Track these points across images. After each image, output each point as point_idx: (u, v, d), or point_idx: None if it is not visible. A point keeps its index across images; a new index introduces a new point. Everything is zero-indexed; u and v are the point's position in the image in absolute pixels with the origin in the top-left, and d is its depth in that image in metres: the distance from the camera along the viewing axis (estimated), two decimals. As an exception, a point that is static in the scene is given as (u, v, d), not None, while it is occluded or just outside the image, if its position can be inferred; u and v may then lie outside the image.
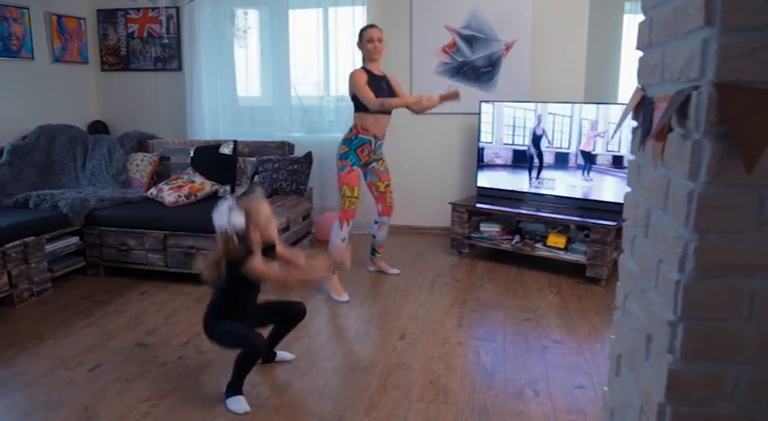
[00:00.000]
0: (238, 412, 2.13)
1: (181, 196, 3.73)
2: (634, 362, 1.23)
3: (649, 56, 1.23)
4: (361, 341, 2.78)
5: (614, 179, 3.68)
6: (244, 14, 5.09)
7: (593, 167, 3.74)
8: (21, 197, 3.68)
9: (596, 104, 3.75)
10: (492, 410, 2.16)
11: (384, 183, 3.56)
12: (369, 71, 3.34)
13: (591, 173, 3.75)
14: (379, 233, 3.64)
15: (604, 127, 3.67)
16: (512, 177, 4.09)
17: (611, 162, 3.68)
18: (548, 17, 4.23)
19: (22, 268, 3.25)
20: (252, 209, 2.11)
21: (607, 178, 3.71)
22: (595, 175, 3.74)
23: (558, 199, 3.88)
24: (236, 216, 2.05)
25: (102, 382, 2.40)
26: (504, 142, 4.09)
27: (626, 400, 1.27)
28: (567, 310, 3.13)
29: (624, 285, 1.37)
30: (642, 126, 1.22)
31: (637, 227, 1.27)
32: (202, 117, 4.91)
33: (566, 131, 3.82)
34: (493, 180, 4.17)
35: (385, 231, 3.66)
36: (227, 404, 2.17)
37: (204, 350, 2.68)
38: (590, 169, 3.75)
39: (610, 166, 3.68)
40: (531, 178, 4.01)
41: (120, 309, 3.19)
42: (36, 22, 4.48)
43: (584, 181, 3.78)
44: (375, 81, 3.32)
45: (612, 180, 3.69)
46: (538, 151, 3.94)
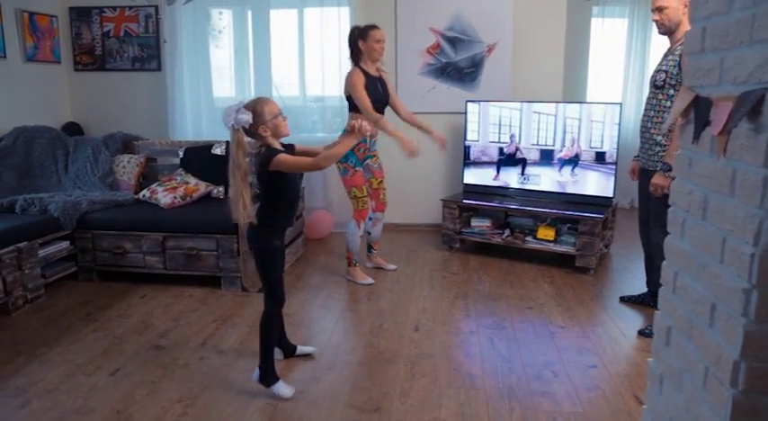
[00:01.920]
0: (287, 395, 2.23)
1: (177, 198, 3.68)
2: (692, 331, 1.37)
3: (702, 60, 1.37)
4: (377, 334, 2.85)
5: (597, 174, 3.90)
6: (219, 14, 5.05)
7: (577, 163, 3.96)
8: (5, 201, 3.54)
9: (579, 103, 3.97)
10: (519, 392, 2.30)
11: (377, 179, 3.65)
12: (365, 71, 3.40)
13: (576, 169, 3.97)
14: (373, 229, 3.73)
15: (587, 126, 3.89)
16: (497, 174, 4.26)
17: (594, 158, 3.90)
18: (527, 20, 4.43)
19: (16, 274, 3.14)
20: (257, 106, 2.14)
21: (590, 173, 3.93)
22: (579, 171, 3.96)
23: (544, 194, 4.08)
24: (242, 112, 2.08)
25: (126, 386, 2.37)
26: (490, 140, 4.26)
27: (683, 365, 1.41)
28: (564, 298, 3.32)
29: (673, 264, 1.51)
30: (696, 122, 1.37)
31: (689, 211, 1.42)
32: (185, 117, 4.84)
33: (550, 129, 4.03)
34: (479, 177, 4.33)
35: (379, 227, 3.75)
36: (273, 391, 2.24)
37: (223, 350, 2.69)
38: (575, 166, 3.96)
39: (593, 162, 3.91)
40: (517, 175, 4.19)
41: (124, 314, 3.14)
42: (7, 19, 4.30)
43: (569, 177, 3.99)
44: (371, 82, 3.40)
45: (595, 175, 3.91)
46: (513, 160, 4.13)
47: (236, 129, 2.09)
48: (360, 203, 3.43)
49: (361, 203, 3.43)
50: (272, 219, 2.28)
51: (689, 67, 1.45)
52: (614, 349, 2.70)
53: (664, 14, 2.69)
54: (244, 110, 2.10)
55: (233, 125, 2.08)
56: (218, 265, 3.43)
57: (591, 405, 2.21)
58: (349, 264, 3.60)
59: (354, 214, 3.45)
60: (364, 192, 3.44)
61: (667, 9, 2.67)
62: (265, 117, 2.14)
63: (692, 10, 1.42)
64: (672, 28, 2.71)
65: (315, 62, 4.75)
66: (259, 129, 2.14)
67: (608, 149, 3.83)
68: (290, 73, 4.93)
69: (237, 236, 3.35)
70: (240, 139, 2.10)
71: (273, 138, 2.20)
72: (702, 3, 1.36)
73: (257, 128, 2.14)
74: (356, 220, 3.45)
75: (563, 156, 3.96)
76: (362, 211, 3.44)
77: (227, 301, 3.29)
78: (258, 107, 2.13)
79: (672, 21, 2.68)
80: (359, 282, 3.54)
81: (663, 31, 2.77)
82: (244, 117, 2.08)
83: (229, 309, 3.17)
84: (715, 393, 1.23)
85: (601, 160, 3.87)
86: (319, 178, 4.71)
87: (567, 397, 2.26)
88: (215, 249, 3.41)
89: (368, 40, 3.37)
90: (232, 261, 3.40)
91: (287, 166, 2.15)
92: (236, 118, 2.08)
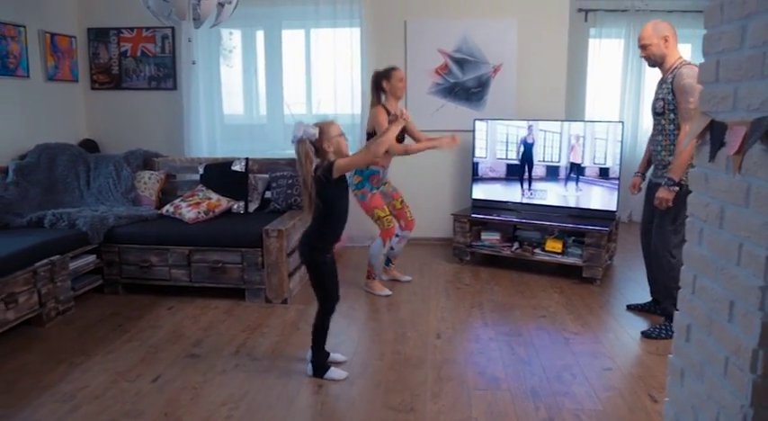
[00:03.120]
0: (340, 378, 2.52)
1: (200, 213, 3.83)
2: (712, 326, 1.54)
3: (716, 89, 1.57)
4: (401, 341, 3.00)
5: (601, 189, 4.11)
6: (229, 34, 5.24)
7: (581, 178, 4.16)
8: (34, 216, 3.66)
9: (583, 122, 4.19)
10: (541, 392, 2.45)
11: (398, 200, 3.82)
12: (387, 109, 3.60)
13: (580, 183, 4.17)
14: (397, 246, 3.87)
15: (591, 142, 4.10)
16: (505, 189, 4.45)
17: (597, 173, 4.11)
18: (531, 42, 4.67)
19: (49, 287, 3.26)
20: (324, 125, 2.43)
21: (594, 188, 4.13)
22: (584, 186, 4.16)
23: (549, 208, 4.27)
24: (311, 128, 2.39)
25: (170, 392, 2.49)
26: (498, 157, 4.46)
27: (704, 358, 1.58)
28: (574, 307, 3.49)
29: (692, 268, 1.69)
30: (712, 144, 1.55)
31: (707, 221, 1.60)
32: (200, 135, 5.00)
33: (555, 146, 4.23)
34: (487, 192, 4.52)
35: (403, 245, 3.92)
36: (327, 376, 2.52)
37: (257, 357, 2.83)
38: (578, 180, 4.17)
39: (597, 178, 4.11)
40: (523, 190, 4.38)
41: (154, 324, 3.26)
42: (31, 41, 4.45)
43: (574, 191, 4.19)
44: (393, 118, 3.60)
45: (599, 190, 4.11)
46: (529, 162, 4.32)
47: (304, 141, 2.33)
48: (385, 223, 3.59)
49: (387, 222, 3.60)
50: (326, 235, 2.50)
51: (703, 95, 1.65)
52: (626, 353, 2.87)
53: (648, 50, 2.99)
54: (313, 125, 2.36)
55: (302, 136, 2.32)
56: (243, 278, 3.57)
57: (609, 403, 2.37)
58: (368, 277, 3.75)
59: (382, 233, 3.61)
60: (387, 212, 3.61)
61: (650, 46, 2.97)
62: (331, 134, 2.39)
63: (706, 45, 1.62)
64: (658, 60, 3.00)
65: (327, 81, 4.93)
66: (324, 144, 2.40)
67: (611, 165, 4.04)
68: (303, 91, 5.11)
69: (262, 249, 3.50)
70: (308, 150, 2.35)
71: (335, 156, 2.42)
72: (716, 40, 1.56)
73: (322, 143, 2.40)
74: (383, 239, 3.61)
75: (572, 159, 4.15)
76: (390, 230, 3.61)
77: (252, 312, 3.42)
78: (325, 125, 2.41)
79: (656, 55, 2.98)
80: (377, 293, 3.69)
81: (651, 64, 3.07)
82: (312, 131, 2.35)
83: (256, 320, 3.30)
84: (736, 380, 1.40)
85: (604, 175, 4.08)
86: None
87: (586, 396, 2.42)
88: (240, 262, 3.55)
89: (392, 79, 3.60)
90: (257, 273, 3.54)
91: (346, 166, 2.40)
92: (305, 131, 2.33)
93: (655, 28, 2.95)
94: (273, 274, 3.52)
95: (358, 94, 4.81)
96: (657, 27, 2.95)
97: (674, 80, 2.90)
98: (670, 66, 2.96)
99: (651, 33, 2.94)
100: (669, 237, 2.98)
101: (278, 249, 3.47)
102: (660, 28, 2.94)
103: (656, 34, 2.92)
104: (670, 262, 2.99)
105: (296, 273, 3.76)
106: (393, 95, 3.64)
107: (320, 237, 2.51)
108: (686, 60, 2.96)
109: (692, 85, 2.81)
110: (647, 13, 5.30)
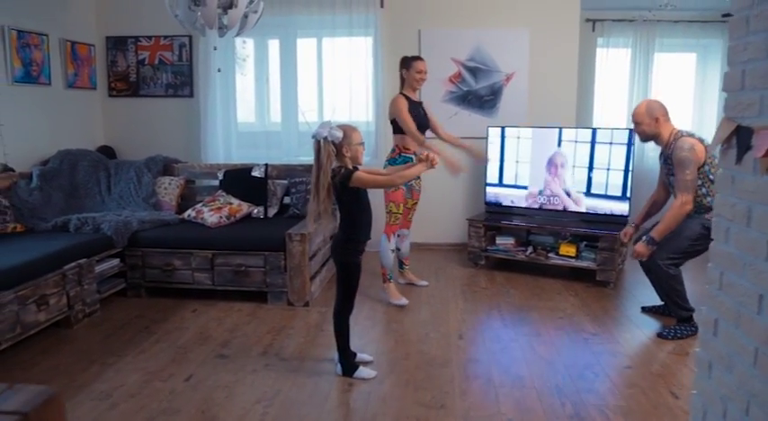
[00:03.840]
0: (369, 377, 2.57)
1: (222, 217, 3.90)
2: (740, 319, 1.63)
3: (742, 96, 1.66)
4: (425, 342, 3.07)
5: (614, 194, 4.19)
6: (243, 43, 5.34)
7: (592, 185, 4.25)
8: (59, 221, 3.73)
9: (596, 129, 4.28)
10: (566, 389, 2.53)
11: (413, 200, 3.91)
12: (407, 97, 3.70)
13: (591, 189, 4.26)
14: (402, 245, 3.97)
15: (606, 149, 4.20)
16: (518, 195, 4.54)
17: (610, 178, 4.19)
18: (542, 51, 4.77)
19: (77, 289, 3.33)
20: (348, 130, 2.47)
21: (608, 193, 4.21)
22: (595, 191, 4.25)
23: (562, 213, 4.36)
24: (336, 129, 2.42)
25: (203, 390, 2.56)
26: (511, 163, 4.54)
27: (733, 350, 1.66)
28: (590, 309, 3.57)
29: (718, 266, 1.78)
30: (738, 147, 1.64)
31: (734, 220, 1.69)
32: (216, 141, 5.08)
33: (570, 154, 4.32)
34: (500, 197, 4.60)
35: (407, 243, 4.00)
36: (356, 376, 2.57)
37: (285, 357, 2.89)
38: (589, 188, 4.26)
39: (610, 183, 4.20)
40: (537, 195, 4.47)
41: (180, 326, 3.32)
42: (53, 49, 4.55)
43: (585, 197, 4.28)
44: (414, 107, 3.69)
45: (612, 194, 4.20)
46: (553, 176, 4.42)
47: (328, 142, 2.38)
48: (393, 218, 3.68)
49: (394, 219, 3.68)
50: (356, 234, 2.55)
51: (729, 102, 1.74)
52: (644, 352, 2.95)
53: (640, 128, 3.19)
54: (338, 128, 2.40)
55: (326, 137, 2.37)
56: (265, 281, 3.64)
57: (633, 400, 2.44)
58: (384, 280, 3.80)
59: (385, 228, 3.68)
60: (400, 210, 3.69)
61: (642, 125, 3.17)
62: (352, 140, 2.44)
63: (731, 55, 1.71)
64: (650, 138, 3.19)
65: (342, 89, 5.02)
66: (343, 148, 2.44)
67: (623, 171, 4.13)
68: (317, 99, 5.20)
69: (285, 252, 3.57)
70: (330, 151, 2.40)
71: (350, 162, 2.46)
72: (742, 50, 1.65)
73: (342, 147, 2.44)
74: (386, 234, 3.68)
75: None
76: (393, 227, 3.69)
77: (275, 315, 3.49)
78: (348, 130, 2.46)
79: (647, 133, 3.17)
80: (393, 302, 3.64)
81: (642, 140, 3.26)
82: (337, 133, 2.39)
83: (280, 321, 3.37)
84: (766, 369, 1.48)
85: (617, 181, 4.16)
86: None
87: (609, 393, 2.50)
88: (263, 266, 3.62)
89: (410, 69, 3.69)
90: (279, 277, 3.61)
91: (365, 182, 2.44)
92: (330, 131, 2.37)
93: (647, 108, 3.14)
94: (296, 277, 3.59)
95: (373, 102, 4.91)
96: (649, 107, 3.14)
97: (673, 153, 3.08)
98: (666, 140, 3.15)
99: (643, 113, 3.14)
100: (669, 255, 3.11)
101: (300, 253, 3.55)
102: (652, 108, 3.13)
103: (648, 115, 3.12)
104: (668, 273, 3.10)
105: (317, 276, 3.83)
106: (410, 85, 3.73)
107: (349, 239, 2.58)
108: (679, 131, 3.13)
109: (688, 158, 3.01)
110: (653, 23, 5.41)
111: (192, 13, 3.36)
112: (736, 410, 1.65)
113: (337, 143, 2.43)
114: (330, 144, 2.42)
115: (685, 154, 3.00)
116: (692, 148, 3.01)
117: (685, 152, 3.00)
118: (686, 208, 3.03)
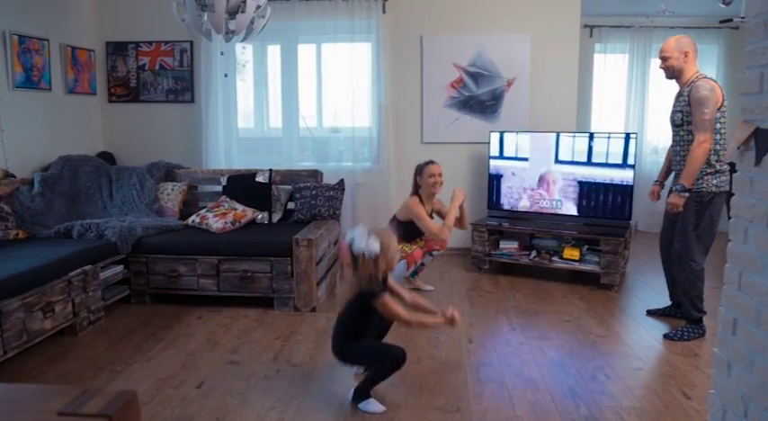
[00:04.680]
0: (377, 411, 2.37)
1: (227, 223, 3.89)
2: (761, 318, 1.64)
3: (761, 99, 1.68)
4: (436, 346, 3.07)
5: (615, 197, 4.23)
6: (242, 49, 5.34)
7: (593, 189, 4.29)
8: (62, 227, 3.70)
9: (599, 134, 4.32)
10: (579, 391, 2.53)
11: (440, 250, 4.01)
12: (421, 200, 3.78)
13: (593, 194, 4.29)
14: (427, 259, 3.99)
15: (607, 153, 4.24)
16: (520, 199, 4.56)
17: (612, 182, 4.23)
18: (543, 57, 4.82)
19: (82, 296, 3.29)
20: (385, 239, 2.37)
21: (609, 197, 4.25)
22: (597, 196, 4.28)
23: (564, 217, 4.38)
24: (374, 242, 2.33)
25: (216, 397, 2.54)
26: (513, 167, 4.57)
27: (753, 348, 1.68)
28: (596, 312, 3.59)
29: (736, 266, 1.79)
30: (757, 149, 1.67)
31: (753, 221, 1.71)
32: (217, 147, 5.06)
33: (568, 157, 4.36)
34: (503, 202, 4.63)
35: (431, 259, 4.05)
36: (361, 407, 2.39)
37: (296, 363, 2.88)
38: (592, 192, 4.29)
39: (611, 186, 4.23)
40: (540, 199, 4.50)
41: (187, 333, 3.30)
42: (54, 54, 4.52)
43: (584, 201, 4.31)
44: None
45: (613, 198, 4.23)
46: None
47: (366, 258, 2.32)
48: (408, 249, 3.74)
49: (408, 248, 3.75)
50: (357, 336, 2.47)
51: (746, 105, 1.76)
52: (653, 354, 2.97)
53: (668, 63, 3.12)
54: (375, 239, 2.32)
55: (363, 252, 2.31)
56: (272, 287, 3.62)
57: (646, 400, 2.46)
58: None
59: (408, 258, 3.73)
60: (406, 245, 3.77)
61: (670, 58, 3.10)
62: (389, 253, 2.38)
63: (750, 59, 1.73)
64: (676, 74, 3.13)
65: (344, 95, 5.02)
66: (380, 260, 2.36)
67: (625, 175, 4.17)
68: (318, 105, 5.21)
69: (291, 258, 3.56)
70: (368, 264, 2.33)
71: (385, 268, 2.42)
72: (760, 54, 1.68)
73: (378, 259, 2.35)
74: (407, 262, 3.73)
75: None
76: (414, 254, 3.74)
77: (283, 320, 3.47)
78: (386, 241, 2.36)
79: (675, 68, 3.11)
80: None
81: (668, 76, 3.20)
82: (375, 249, 2.31)
83: (288, 327, 3.36)
84: (792, 367, 1.50)
85: (618, 184, 4.20)
86: (350, 204, 4.95)
87: (622, 394, 2.51)
88: (269, 271, 3.61)
89: (423, 175, 3.76)
90: (286, 282, 3.60)
91: (384, 310, 2.38)
92: (369, 247, 2.30)
93: (677, 42, 3.08)
94: (303, 283, 3.58)
95: (375, 108, 4.92)
96: (680, 41, 3.08)
97: (691, 92, 3.03)
98: (687, 79, 3.10)
99: (673, 47, 3.08)
100: (691, 244, 3.10)
101: (307, 258, 3.54)
102: (682, 43, 3.08)
103: (678, 49, 3.06)
104: (692, 267, 3.11)
105: (323, 281, 3.82)
106: (425, 192, 3.77)
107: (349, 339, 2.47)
108: (702, 74, 3.09)
109: (707, 97, 2.95)
110: (650, 29, 5.49)
111: (198, 18, 3.36)
112: (758, 409, 1.66)
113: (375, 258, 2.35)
114: (368, 259, 2.33)
115: (706, 93, 2.93)
116: (713, 89, 2.96)
117: (706, 91, 2.94)
118: (705, 146, 2.96)
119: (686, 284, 3.15)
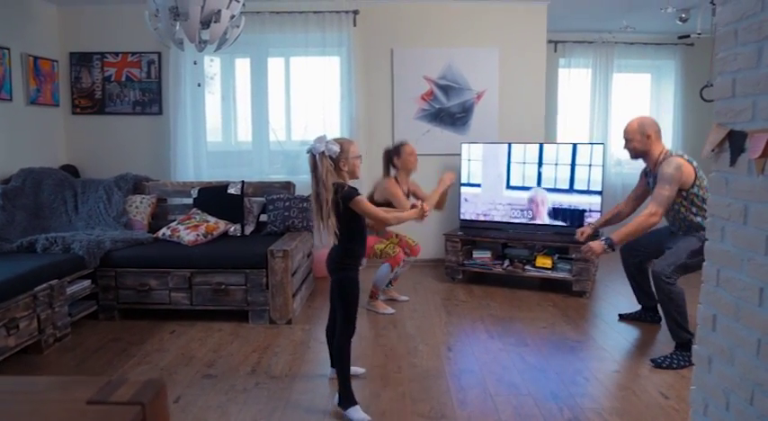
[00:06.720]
0: (361, 420, 2.33)
1: (199, 235, 3.80)
2: (740, 313, 1.70)
3: (733, 103, 1.77)
4: (415, 355, 3.06)
5: (584, 207, 4.34)
6: (210, 61, 5.29)
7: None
8: (25, 241, 3.55)
9: (567, 144, 4.44)
10: (561, 395, 2.56)
11: (392, 237, 3.98)
12: (397, 181, 3.80)
13: (563, 204, 4.39)
14: (401, 269, 3.95)
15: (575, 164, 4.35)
16: (492, 209, 4.63)
17: (581, 192, 4.34)
18: (512, 70, 4.94)
19: (48, 312, 3.15)
20: (345, 143, 2.42)
21: (578, 207, 4.36)
22: (567, 205, 4.39)
23: (534, 226, 4.47)
24: (333, 143, 2.36)
25: (195, 411, 2.46)
26: (484, 178, 4.64)
27: (734, 343, 1.74)
28: (570, 318, 3.65)
29: (714, 263, 1.86)
30: (732, 150, 1.75)
31: (730, 219, 1.78)
32: (186, 159, 4.97)
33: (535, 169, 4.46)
34: (474, 212, 4.68)
35: (407, 268, 4.04)
36: (347, 414, 2.36)
37: (275, 375, 2.82)
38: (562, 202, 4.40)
39: (580, 197, 4.34)
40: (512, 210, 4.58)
41: (160, 348, 3.19)
42: (15, 64, 4.37)
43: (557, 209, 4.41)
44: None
45: (582, 208, 4.34)
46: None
47: (326, 157, 2.33)
48: (390, 251, 3.72)
49: (391, 250, 3.73)
50: (353, 250, 2.47)
51: (720, 109, 1.85)
52: (629, 356, 3.04)
53: (630, 145, 3.16)
54: (334, 141, 2.36)
55: (323, 151, 2.32)
56: (247, 299, 3.55)
57: (626, 401, 2.50)
58: (372, 297, 3.81)
59: (389, 260, 3.72)
60: (385, 243, 3.75)
61: (632, 141, 3.14)
62: (350, 154, 2.39)
63: (721, 66, 1.82)
64: (639, 155, 3.18)
65: (314, 108, 5.01)
66: (340, 162, 2.38)
67: (593, 185, 4.28)
68: (288, 118, 5.18)
69: (267, 269, 3.50)
70: (328, 166, 2.33)
71: (348, 176, 2.44)
72: (732, 60, 1.77)
73: (339, 161, 2.38)
74: (391, 265, 3.72)
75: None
76: (396, 257, 3.72)
77: (259, 333, 3.40)
78: (345, 144, 2.40)
79: (638, 150, 3.15)
80: (381, 311, 3.75)
81: (633, 157, 3.23)
82: (334, 147, 2.34)
83: (265, 340, 3.29)
84: (771, 359, 1.56)
85: (587, 195, 4.31)
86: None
87: (603, 396, 2.55)
88: (244, 283, 3.54)
89: (402, 154, 3.79)
90: (261, 294, 3.53)
91: (361, 209, 2.39)
92: (327, 146, 2.32)
93: (639, 125, 3.10)
94: (278, 295, 3.52)
95: (346, 120, 4.93)
96: (642, 124, 3.10)
97: (660, 168, 3.04)
98: (656, 159, 3.12)
99: (635, 129, 3.10)
100: (676, 268, 2.99)
101: (283, 269, 3.49)
102: (644, 125, 3.09)
103: (640, 131, 3.09)
104: (669, 286, 2.96)
105: (298, 293, 3.77)
106: (404, 169, 3.81)
107: (347, 253, 2.48)
108: (670, 152, 3.10)
109: (672, 175, 2.96)
110: (612, 45, 5.71)
111: (171, 27, 3.31)
112: (739, 401, 1.72)
113: (335, 157, 2.37)
114: (327, 158, 2.35)
115: (671, 171, 2.96)
116: (679, 168, 2.98)
117: (672, 170, 2.97)
118: (653, 219, 3.00)
119: (668, 308, 2.98)
